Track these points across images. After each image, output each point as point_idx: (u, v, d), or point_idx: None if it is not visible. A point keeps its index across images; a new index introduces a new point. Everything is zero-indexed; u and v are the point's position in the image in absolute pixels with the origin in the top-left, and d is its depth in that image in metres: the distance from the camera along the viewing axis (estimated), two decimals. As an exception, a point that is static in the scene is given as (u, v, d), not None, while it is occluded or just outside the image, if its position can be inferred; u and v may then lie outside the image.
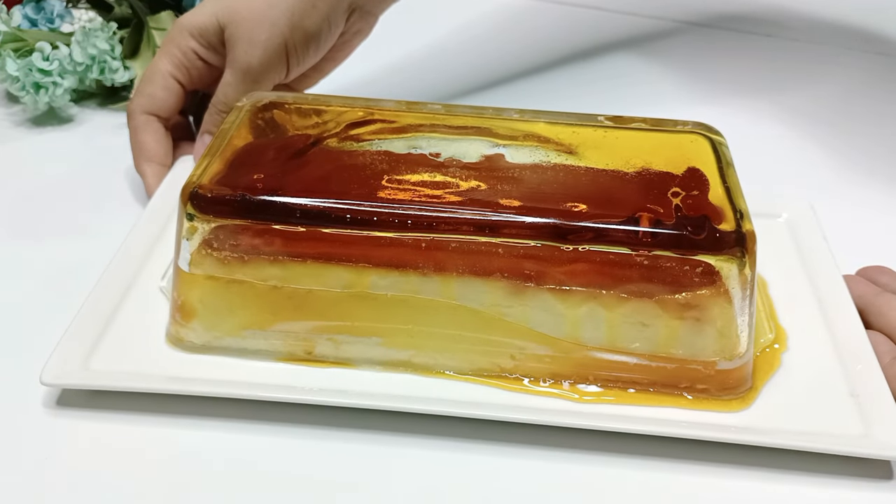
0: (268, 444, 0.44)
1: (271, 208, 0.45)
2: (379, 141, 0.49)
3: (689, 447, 0.43)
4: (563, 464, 0.43)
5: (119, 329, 0.48)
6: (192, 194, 0.45)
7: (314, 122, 0.51)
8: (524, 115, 0.52)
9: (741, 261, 0.43)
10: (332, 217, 0.44)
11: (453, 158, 0.48)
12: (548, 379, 0.46)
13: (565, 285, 0.44)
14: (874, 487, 0.42)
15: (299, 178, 0.46)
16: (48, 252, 0.56)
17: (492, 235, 0.44)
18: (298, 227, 0.45)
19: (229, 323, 0.46)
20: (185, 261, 0.46)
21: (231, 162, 0.47)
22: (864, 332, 0.47)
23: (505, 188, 0.46)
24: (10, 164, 0.66)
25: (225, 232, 0.45)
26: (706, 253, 0.43)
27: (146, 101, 0.61)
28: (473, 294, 0.45)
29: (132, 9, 0.72)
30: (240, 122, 0.51)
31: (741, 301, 0.44)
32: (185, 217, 0.45)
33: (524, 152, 0.49)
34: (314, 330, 0.46)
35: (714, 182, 0.46)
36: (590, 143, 0.49)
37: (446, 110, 0.52)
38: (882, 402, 0.44)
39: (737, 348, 0.44)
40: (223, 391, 0.44)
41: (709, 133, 0.50)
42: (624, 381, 0.46)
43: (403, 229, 0.44)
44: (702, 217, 0.44)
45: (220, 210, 0.45)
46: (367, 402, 0.44)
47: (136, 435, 0.44)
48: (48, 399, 0.45)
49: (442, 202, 0.45)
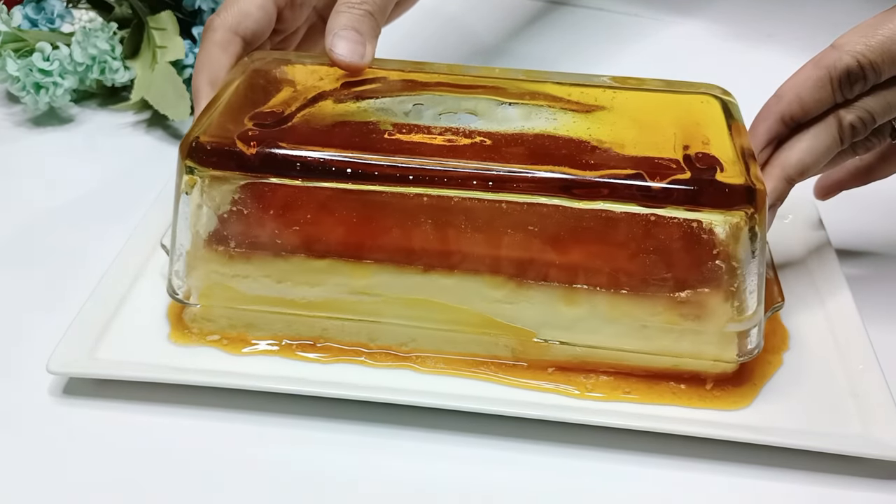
0: (273, 435, 0.44)
1: (272, 160, 0.44)
2: (383, 98, 0.48)
3: (688, 445, 0.43)
4: (559, 459, 0.43)
5: (125, 319, 0.48)
6: (192, 146, 0.44)
7: (318, 78, 0.50)
8: (531, 76, 0.51)
9: (752, 217, 0.43)
10: (333, 170, 0.43)
11: (459, 115, 0.47)
12: (549, 368, 0.46)
13: (568, 258, 0.43)
14: (874, 487, 0.42)
15: (301, 132, 0.45)
16: (51, 248, 0.57)
17: (498, 190, 0.43)
18: (298, 181, 0.44)
19: (226, 273, 0.46)
20: (184, 215, 0.45)
21: (232, 117, 0.46)
22: (865, 332, 0.48)
23: (512, 145, 0.45)
24: (11, 164, 0.66)
25: (225, 187, 0.44)
26: (716, 208, 0.42)
27: (236, 17, 0.54)
28: (475, 284, 0.44)
29: (132, 9, 0.72)
30: (242, 78, 0.50)
31: (751, 260, 0.43)
32: (184, 170, 0.45)
33: (532, 110, 0.48)
34: (309, 278, 0.46)
35: (724, 142, 0.46)
36: (599, 102, 0.49)
37: (452, 70, 0.51)
38: (882, 402, 0.44)
39: (745, 310, 0.44)
40: (228, 382, 0.44)
41: (720, 94, 0.50)
42: (627, 365, 0.45)
43: (406, 184, 0.43)
44: (712, 172, 0.43)
45: (220, 162, 0.44)
46: (367, 394, 0.44)
47: (142, 424, 0.44)
48: (54, 388, 0.46)
49: (447, 156, 0.44)
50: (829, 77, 0.46)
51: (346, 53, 0.50)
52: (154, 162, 0.66)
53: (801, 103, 0.47)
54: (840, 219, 0.58)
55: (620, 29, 0.89)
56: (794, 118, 0.47)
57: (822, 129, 0.47)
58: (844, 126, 0.47)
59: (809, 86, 0.47)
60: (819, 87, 0.47)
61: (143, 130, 0.70)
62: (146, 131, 0.70)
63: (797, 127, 0.48)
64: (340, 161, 0.44)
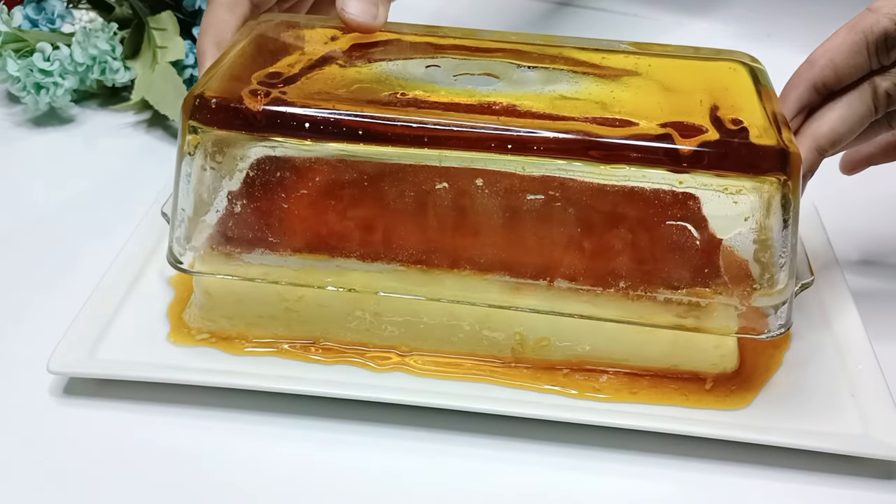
0: (272, 434, 0.44)
1: (279, 118, 0.42)
2: (396, 60, 0.47)
3: (687, 444, 0.43)
4: (559, 458, 0.43)
5: (125, 319, 0.48)
6: (196, 103, 0.43)
7: (327, 40, 0.48)
8: (550, 41, 0.49)
9: (785, 183, 0.41)
10: (343, 129, 0.41)
11: (476, 77, 0.45)
12: (564, 369, 0.46)
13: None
14: (873, 487, 0.42)
15: (310, 91, 0.44)
16: (51, 248, 0.57)
17: (518, 152, 0.40)
18: (307, 142, 0.42)
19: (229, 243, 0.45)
20: (186, 177, 0.44)
21: (238, 76, 0.44)
22: (864, 332, 0.48)
23: (532, 107, 0.43)
24: (11, 164, 0.66)
25: (230, 149, 0.43)
26: (748, 173, 0.40)
27: None
28: (478, 285, 0.44)
29: (133, 9, 0.72)
30: (249, 39, 0.48)
31: (783, 230, 0.41)
32: (187, 130, 0.43)
33: (552, 74, 0.46)
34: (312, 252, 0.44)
35: (755, 107, 0.44)
36: (622, 67, 0.47)
37: (467, 34, 0.49)
38: (882, 402, 0.44)
39: (775, 283, 0.42)
40: (228, 381, 0.44)
41: (748, 61, 0.48)
42: (627, 364, 0.45)
43: (420, 145, 0.41)
44: (744, 134, 0.41)
45: (224, 120, 0.42)
46: (368, 394, 0.44)
47: (142, 424, 0.44)
48: (55, 387, 0.46)
49: (462, 117, 0.42)
50: (865, 41, 0.44)
51: (359, 13, 0.48)
52: (154, 162, 0.66)
53: (835, 69, 0.44)
54: (840, 219, 0.58)
55: (620, 29, 0.89)
56: (826, 85, 0.45)
57: (855, 98, 0.45)
58: (879, 94, 0.45)
59: (844, 51, 0.44)
60: (854, 52, 0.44)
61: (143, 130, 0.70)
62: (146, 131, 0.70)
63: (829, 95, 0.45)
64: (351, 120, 0.41)
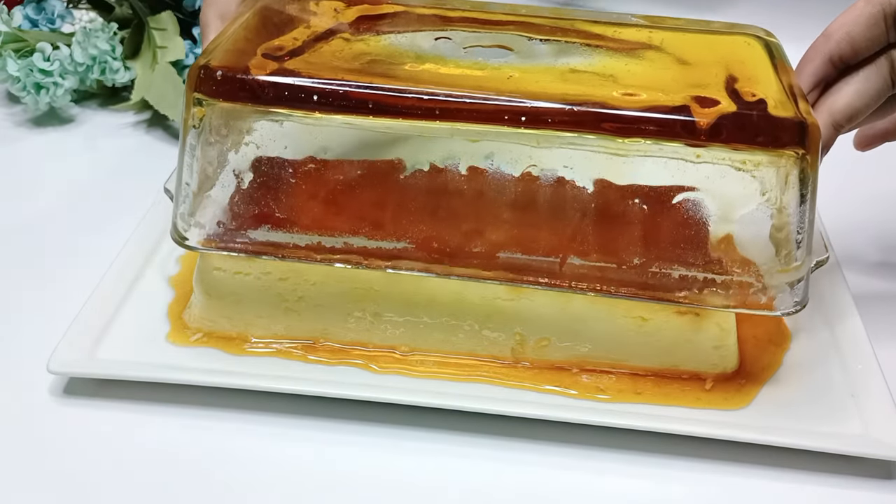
0: (273, 435, 0.44)
1: (286, 89, 0.41)
2: (404, 33, 0.46)
3: (687, 444, 0.43)
4: (559, 458, 0.43)
5: (125, 319, 0.48)
6: (201, 74, 0.42)
7: (334, 12, 0.47)
8: (560, 14, 0.48)
9: (804, 157, 0.40)
10: (352, 101, 0.40)
11: (486, 50, 0.44)
12: (574, 369, 0.46)
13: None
14: (873, 487, 0.42)
15: (317, 63, 0.43)
16: (51, 248, 0.57)
17: (532, 125, 0.40)
18: (315, 113, 0.41)
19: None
20: (191, 151, 0.43)
21: (243, 48, 0.43)
22: (864, 332, 0.48)
23: (545, 80, 0.42)
24: (11, 164, 0.66)
25: (235, 121, 0.42)
26: (765, 146, 0.40)
27: None
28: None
29: (133, 9, 0.72)
30: (253, 12, 0.48)
31: (800, 206, 0.40)
32: (192, 103, 0.42)
33: (565, 47, 0.45)
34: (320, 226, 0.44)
35: (771, 81, 0.43)
36: (636, 39, 0.46)
37: (476, 7, 0.48)
38: (881, 402, 0.44)
39: (792, 260, 0.41)
40: (228, 381, 0.44)
41: (763, 35, 0.48)
42: (628, 365, 0.45)
43: (431, 117, 0.40)
44: (762, 106, 0.41)
45: (230, 91, 0.41)
46: (368, 394, 0.44)
47: (142, 424, 0.44)
48: (55, 387, 0.46)
49: (473, 89, 0.41)
50: (882, 14, 0.43)
51: None
52: (154, 162, 0.65)
53: (852, 42, 0.44)
54: (840, 218, 0.58)
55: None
56: (843, 59, 0.44)
57: (872, 71, 0.44)
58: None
59: (861, 23, 0.44)
60: (872, 24, 0.44)
61: (143, 131, 0.70)
62: (146, 131, 0.70)
63: (846, 69, 0.45)
64: (360, 92, 0.40)
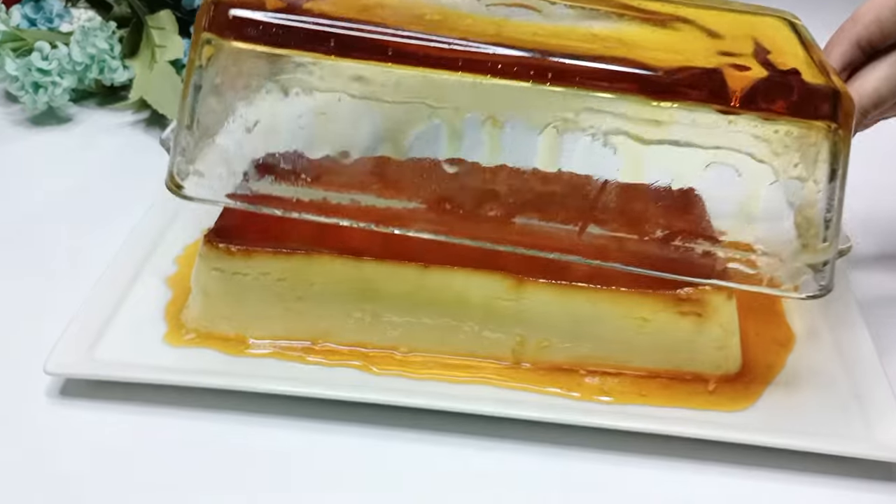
0: (270, 435, 0.44)
1: (301, 31, 0.39)
2: None
3: (690, 446, 0.43)
4: (561, 460, 0.43)
5: (123, 320, 0.48)
6: (211, 13, 0.39)
7: None
8: None
9: (836, 131, 0.39)
10: (367, 45, 0.39)
11: (510, 8, 0.43)
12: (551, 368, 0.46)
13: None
14: (876, 489, 0.42)
15: (333, 9, 0.41)
16: (50, 248, 0.56)
17: (559, 82, 0.38)
18: (329, 57, 0.39)
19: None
20: (195, 89, 0.41)
21: None
22: (868, 334, 0.47)
23: (571, 39, 0.40)
24: (10, 163, 0.66)
25: (246, 65, 0.40)
26: (798, 116, 0.39)
27: None
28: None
29: (131, 8, 0.72)
30: None
31: (829, 183, 0.39)
32: (200, 42, 0.40)
33: (590, 13, 0.44)
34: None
35: (802, 56, 0.42)
36: (663, 11, 0.45)
37: None
38: (885, 404, 0.44)
39: (819, 240, 0.40)
40: (225, 383, 0.44)
41: (790, 18, 0.47)
42: (631, 366, 0.45)
43: (453, 68, 0.38)
44: (796, 74, 0.39)
45: (242, 31, 0.39)
46: (367, 396, 0.44)
47: (139, 425, 0.44)
48: (52, 389, 0.46)
49: (498, 40, 0.39)
50: None
51: None
52: (153, 161, 0.65)
53: (881, 26, 0.43)
54: (843, 218, 0.58)
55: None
56: (871, 43, 0.44)
57: None
58: None
59: (891, 6, 0.43)
60: None
61: (141, 130, 0.70)
62: (145, 130, 0.70)
63: (874, 54, 0.44)
64: (378, 38, 0.39)
